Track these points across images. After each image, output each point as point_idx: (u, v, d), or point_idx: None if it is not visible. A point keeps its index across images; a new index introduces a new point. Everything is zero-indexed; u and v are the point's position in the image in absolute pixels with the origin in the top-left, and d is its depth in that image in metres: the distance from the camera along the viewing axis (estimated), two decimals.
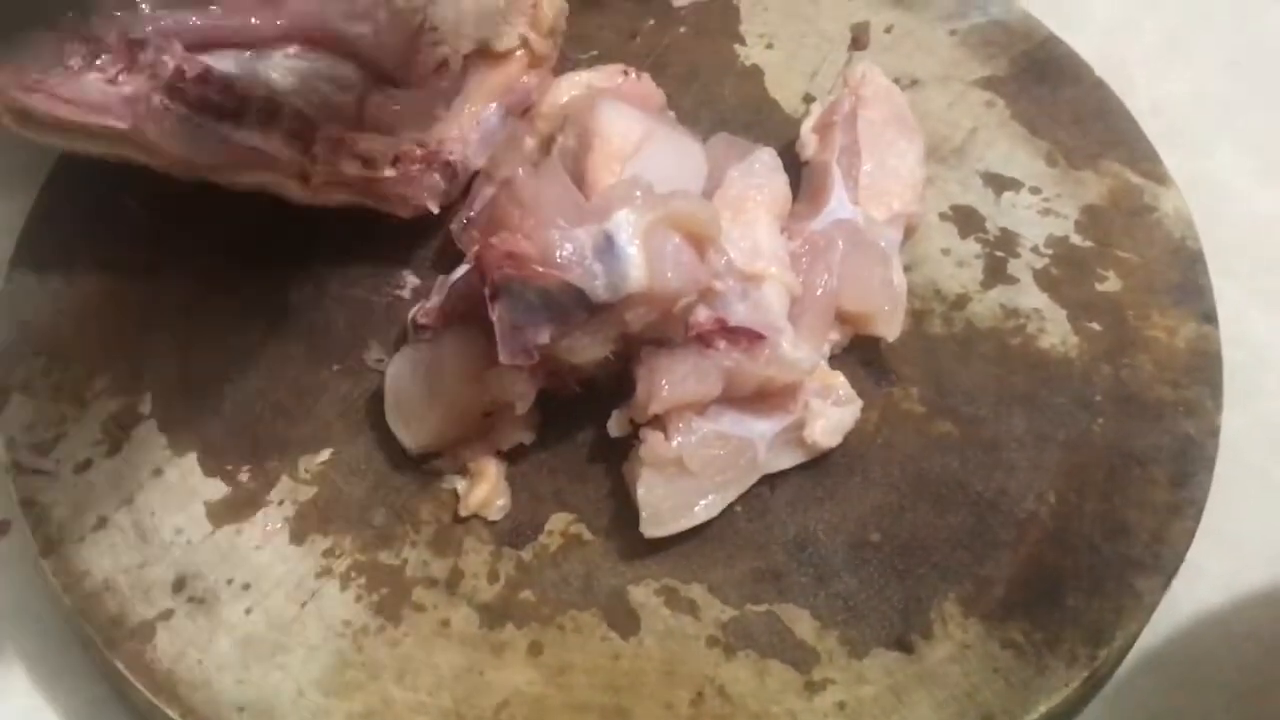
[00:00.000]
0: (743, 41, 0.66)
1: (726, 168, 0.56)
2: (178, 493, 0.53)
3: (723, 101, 0.64)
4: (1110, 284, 0.58)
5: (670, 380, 0.50)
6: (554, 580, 0.51)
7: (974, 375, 0.56)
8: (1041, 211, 0.60)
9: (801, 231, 0.56)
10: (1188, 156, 0.63)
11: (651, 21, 0.66)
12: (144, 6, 0.53)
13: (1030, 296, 0.58)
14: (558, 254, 0.47)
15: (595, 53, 0.65)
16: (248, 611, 0.50)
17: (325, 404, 0.55)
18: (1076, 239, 0.59)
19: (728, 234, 0.53)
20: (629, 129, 0.53)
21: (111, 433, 0.55)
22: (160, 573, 0.51)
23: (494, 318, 0.48)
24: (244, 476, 0.54)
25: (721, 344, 0.51)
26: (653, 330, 0.50)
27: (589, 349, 0.49)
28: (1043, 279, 0.58)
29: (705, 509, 0.51)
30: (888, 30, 0.66)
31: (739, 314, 0.51)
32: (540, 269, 0.47)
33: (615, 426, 0.52)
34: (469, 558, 0.52)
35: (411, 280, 0.58)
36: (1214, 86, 0.69)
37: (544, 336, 0.48)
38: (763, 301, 0.52)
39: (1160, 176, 0.61)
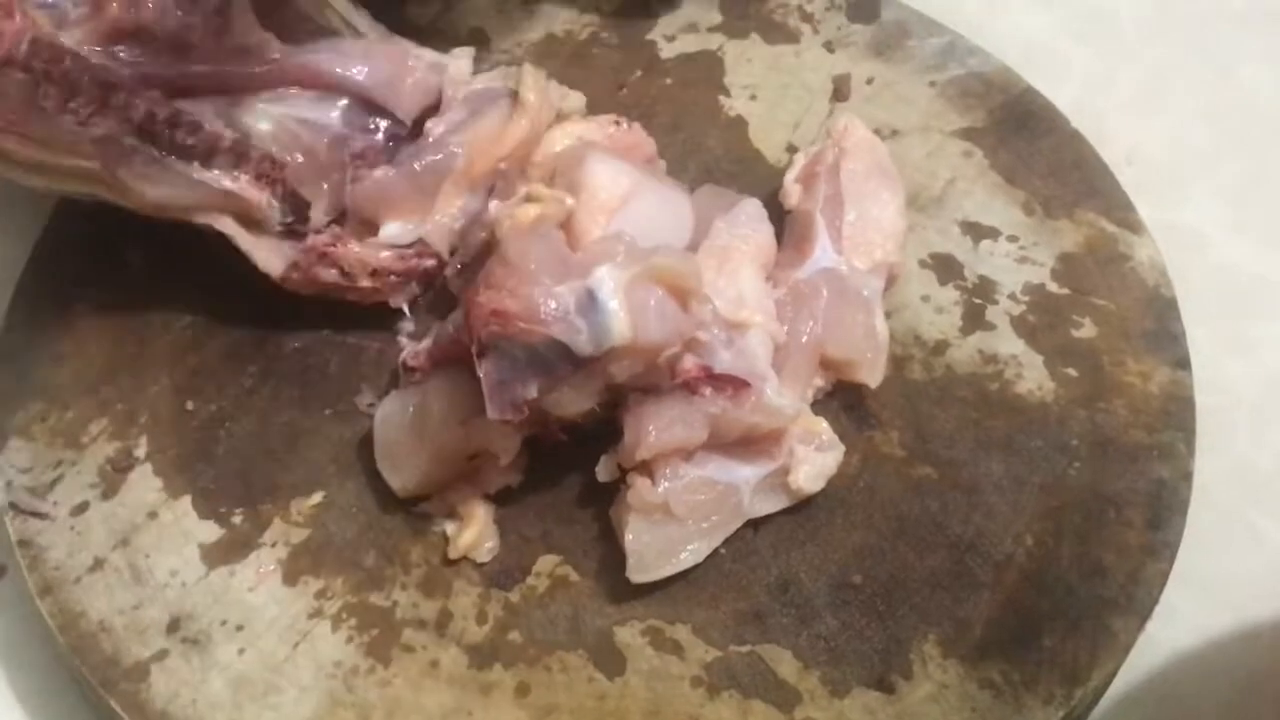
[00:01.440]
0: (727, 93, 0.67)
1: (713, 218, 0.56)
2: (172, 535, 0.54)
3: (708, 151, 0.65)
4: (1086, 330, 0.59)
5: (657, 426, 0.51)
6: (541, 621, 0.52)
7: (953, 420, 0.57)
8: (1019, 259, 0.61)
9: (786, 280, 0.56)
10: (1162, 206, 0.64)
11: (638, 73, 0.68)
12: (121, 53, 0.54)
13: (1008, 343, 0.59)
14: (542, 310, 0.48)
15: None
16: (241, 652, 0.51)
17: (317, 448, 0.56)
18: (1053, 286, 0.60)
19: (713, 283, 0.54)
20: (616, 182, 0.54)
21: (107, 476, 0.55)
22: (155, 614, 0.52)
23: (481, 374, 0.48)
24: (237, 519, 0.54)
25: (707, 391, 0.51)
26: (639, 380, 0.50)
27: (575, 402, 0.50)
28: (1020, 325, 0.59)
29: (691, 555, 0.52)
30: (869, 82, 0.67)
31: (724, 362, 0.52)
32: (525, 325, 0.48)
33: (603, 471, 0.52)
34: (458, 599, 0.53)
35: (406, 325, 0.59)
36: (1188, 138, 0.70)
37: (531, 391, 0.48)
38: (747, 349, 0.53)
39: (1135, 225, 0.62)
